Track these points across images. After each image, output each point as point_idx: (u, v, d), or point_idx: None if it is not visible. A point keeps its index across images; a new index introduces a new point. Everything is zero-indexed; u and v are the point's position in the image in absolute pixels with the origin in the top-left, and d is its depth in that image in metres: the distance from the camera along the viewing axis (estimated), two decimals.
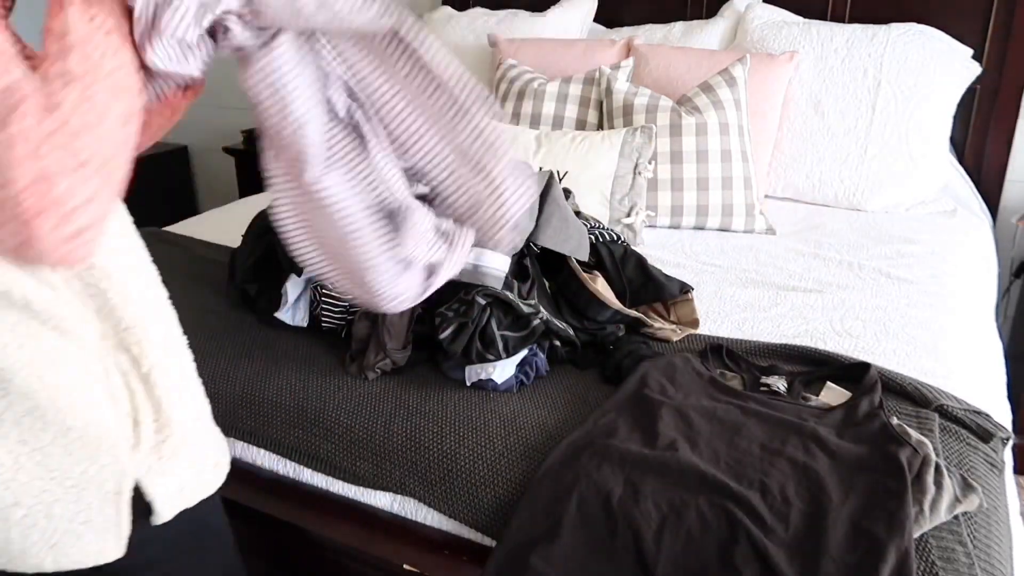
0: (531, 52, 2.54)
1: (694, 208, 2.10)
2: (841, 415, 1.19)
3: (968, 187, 2.39)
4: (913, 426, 1.18)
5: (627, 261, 1.55)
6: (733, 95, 2.14)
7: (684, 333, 1.49)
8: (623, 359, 1.36)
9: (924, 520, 1.01)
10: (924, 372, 1.37)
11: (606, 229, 1.69)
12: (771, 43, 2.35)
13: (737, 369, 1.37)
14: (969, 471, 1.13)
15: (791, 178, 2.31)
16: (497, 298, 1.32)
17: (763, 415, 1.19)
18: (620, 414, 1.21)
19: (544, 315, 1.35)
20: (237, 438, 1.36)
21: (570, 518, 1.04)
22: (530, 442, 1.20)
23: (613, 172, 2.03)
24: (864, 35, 2.25)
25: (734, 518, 1.00)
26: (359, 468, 1.25)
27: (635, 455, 1.10)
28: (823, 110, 2.26)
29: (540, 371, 1.37)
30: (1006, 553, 1.05)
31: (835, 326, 1.55)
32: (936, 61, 2.19)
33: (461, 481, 1.18)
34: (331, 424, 1.29)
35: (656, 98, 2.17)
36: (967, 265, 1.93)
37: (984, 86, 2.37)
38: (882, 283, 1.75)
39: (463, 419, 1.25)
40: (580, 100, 2.31)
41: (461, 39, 2.81)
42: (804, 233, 2.08)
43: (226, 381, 1.39)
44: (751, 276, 1.80)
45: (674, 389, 1.26)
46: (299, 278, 1.49)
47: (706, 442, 1.14)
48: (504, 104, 2.40)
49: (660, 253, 1.93)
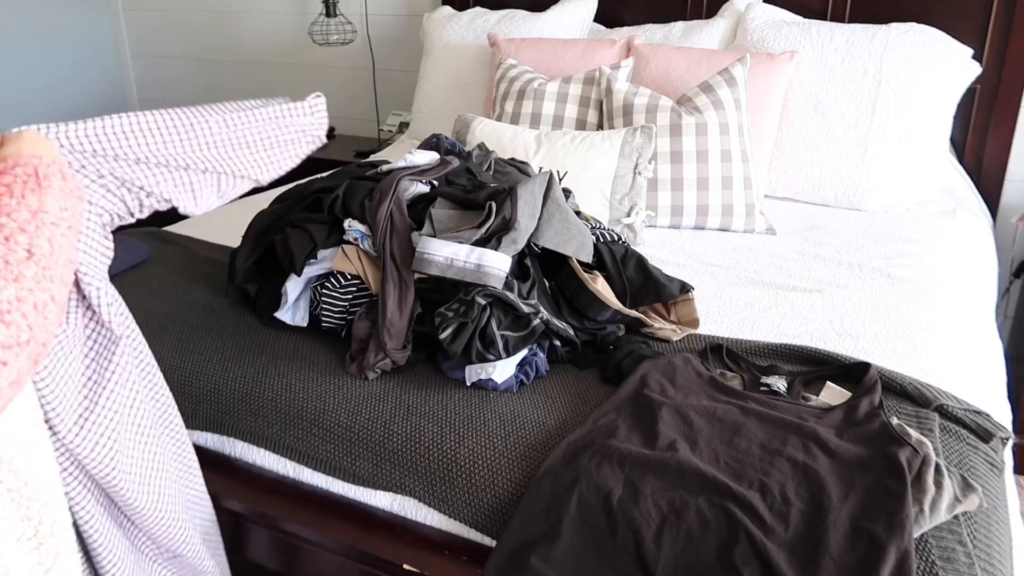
0: (531, 52, 2.54)
1: (694, 208, 2.10)
2: (841, 415, 1.19)
3: (968, 187, 2.39)
4: (913, 426, 1.18)
5: (628, 261, 1.55)
6: (733, 95, 2.14)
7: (684, 333, 1.49)
8: (623, 359, 1.36)
9: (924, 520, 1.01)
10: (924, 372, 1.37)
11: (607, 229, 1.69)
12: (771, 43, 2.35)
13: (737, 369, 1.37)
14: (969, 471, 1.13)
15: (791, 178, 2.31)
16: (497, 298, 1.32)
17: (763, 415, 1.19)
18: (620, 414, 1.21)
19: (544, 315, 1.35)
20: (237, 438, 1.36)
21: (570, 518, 1.04)
22: (530, 442, 1.20)
23: (613, 172, 2.03)
24: (864, 35, 2.25)
25: (734, 518, 1.00)
26: (359, 468, 1.25)
27: (635, 455, 1.10)
28: (823, 110, 2.26)
29: (540, 371, 1.37)
30: (1006, 553, 1.05)
31: (835, 326, 1.55)
32: (936, 61, 2.19)
33: (461, 481, 1.18)
34: (331, 424, 1.29)
35: (656, 98, 2.17)
36: (967, 265, 1.93)
37: (984, 86, 2.37)
38: (882, 283, 1.75)
39: (463, 419, 1.25)
40: (580, 100, 2.31)
41: (461, 39, 2.81)
42: (804, 233, 2.08)
43: (226, 381, 1.39)
44: (751, 276, 1.80)
45: (674, 389, 1.26)
46: (299, 278, 1.49)
47: (706, 442, 1.14)
48: (504, 104, 2.41)
49: (660, 253, 1.93)
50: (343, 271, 1.47)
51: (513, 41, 2.60)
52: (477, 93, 2.74)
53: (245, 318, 1.56)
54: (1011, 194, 2.48)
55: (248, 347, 1.46)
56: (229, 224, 2.04)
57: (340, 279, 1.47)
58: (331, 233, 1.52)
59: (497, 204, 1.40)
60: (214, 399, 1.38)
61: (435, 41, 2.87)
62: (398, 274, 1.39)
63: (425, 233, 1.39)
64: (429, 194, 1.55)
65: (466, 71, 2.78)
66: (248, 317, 1.56)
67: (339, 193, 1.53)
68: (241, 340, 1.48)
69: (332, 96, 3.64)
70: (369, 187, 1.53)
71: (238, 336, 1.50)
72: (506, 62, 2.51)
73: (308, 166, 2.99)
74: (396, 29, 3.38)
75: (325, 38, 3.28)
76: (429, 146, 1.83)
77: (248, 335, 1.50)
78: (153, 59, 3.99)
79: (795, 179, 2.31)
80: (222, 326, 1.53)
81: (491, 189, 1.52)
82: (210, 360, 1.42)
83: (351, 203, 1.51)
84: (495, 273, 1.32)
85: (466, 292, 1.32)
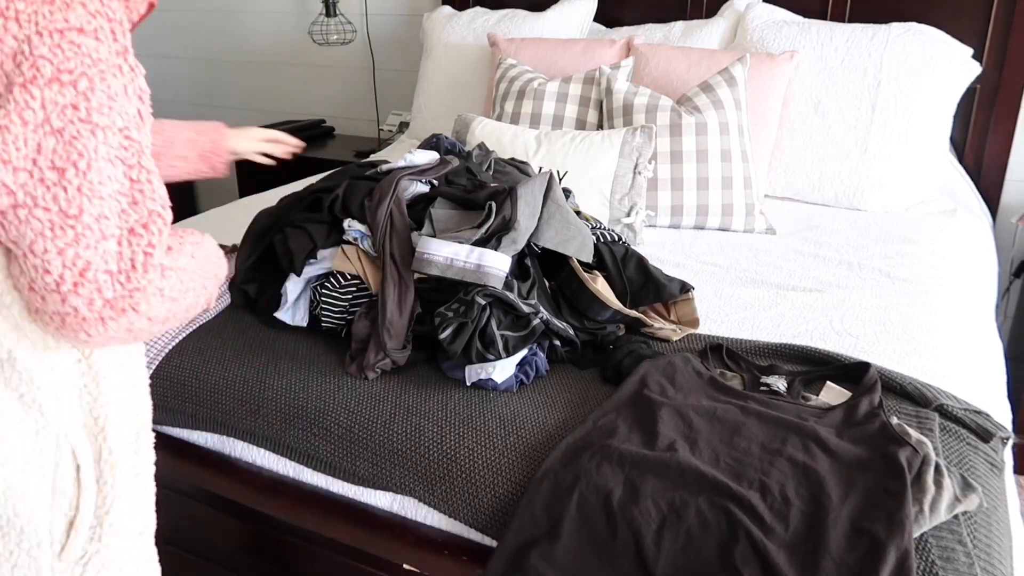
0: (531, 52, 2.54)
1: (694, 208, 2.10)
2: (841, 415, 1.19)
3: (968, 187, 2.39)
4: (913, 426, 1.18)
5: (628, 261, 1.55)
6: (733, 95, 2.14)
7: (684, 333, 1.49)
8: (623, 359, 1.36)
9: (924, 520, 1.01)
10: (924, 372, 1.37)
11: (607, 229, 1.69)
12: (771, 43, 2.35)
13: (737, 369, 1.37)
14: (969, 471, 1.13)
15: (791, 178, 2.31)
16: (497, 298, 1.32)
17: (763, 415, 1.19)
18: (620, 414, 1.21)
19: (544, 315, 1.35)
20: (237, 438, 1.36)
21: (570, 518, 1.04)
22: (530, 442, 1.20)
23: (613, 172, 2.03)
24: (864, 35, 2.25)
25: (734, 518, 1.00)
26: (359, 468, 1.25)
27: (635, 455, 1.10)
28: (823, 110, 2.26)
29: (540, 371, 1.37)
30: (1006, 553, 1.05)
31: (835, 326, 1.55)
32: (936, 61, 2.19)
33: (461, 481, 1.18)
34: (331, 424, 1.29)
35: (656, 98, 2.16)
36: (967, 265, 1.93)
37: (984, 86, 2.37)
38: (882, 283, 1.75)
39: (463, 419, 1.25)
40: (580, 100, 2.31)
41: (461, 39, 2.81)
42: (804, 233, 2.08)
43: (226, 381, 1.39)
44: (751, 276, 1.80)
45: (674, 389, 1.26)
46: (299, 278, 1.49)
47: (706, 442, 1.14)
48: (504, 104, 2.40)
49: (660, 253, 1.93)
50: (343, 271, 1.47)
51: (513, 41, 2.60)
52: (477, 93, 2.74)
53: (245, 318, 1.56)
54: (1011, 194, 2.48)
55: (248, 347, 1.46)
56: (229, 224, 2.04)
57: (340, 279, 1.47)
58: (331, 233, 1.52)
59: (497, 204, 1.40)
60: (214, 399, 1.38)
61: (435, 41, 2.87)
62: (398, 274, 1.39)
63: (425, 233, 1.39)
64: (429, 194, 1.55)
65: (466, 71, 2.78)
66: (248, 317, 1.56)
67: (339, 193, 1.53)
68: (241, 340, 1.48)
69: (332, 96, 3.64)
70: (369, 187, 1.53)
71: (238, 336, 1.50)
72: (506, 62, 2.51)
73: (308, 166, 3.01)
74: (396, 29, 3.38)
75: (325, 38, 3.28)
76: (429, 146, 1.82)
77: (248, 335, 1.50)
78: (153, 59, 3.98)
79: (795, 179, 2.31)
80: (222, 326, 1.53)
81: (491, 189, 1.52)
82: (210, 360, 1.42)
83: (351, 203, 1.51)
84: (495, 273, 1.32)
85: (466, 292, 1.32)
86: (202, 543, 1.47)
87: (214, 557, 1.46)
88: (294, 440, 1.30)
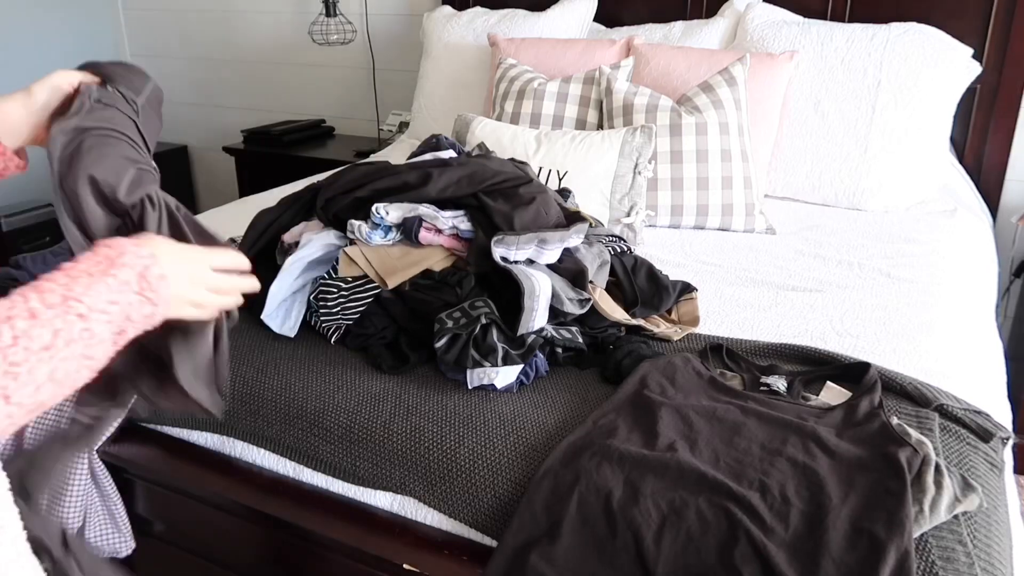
0: (531, 52, 2.54)
1: (694, 208, 2.10)
2: (841, 415, 1.19)
3: (968, 187, 2.39)
4: (913, 426, 1.18)
5: (638, 271, 1.57)
6: (733, 95, 2.14)
7: (684, 333, 1.49)
8: (623, 359, 1.36)
9: (924, 520, 1.01)
10: (924, 372, 1.37)
11: (615, 239, 1.69)
12: (771, 43, 2.35)
13: (737, 369, 1.37)
14: (969, 471, 1.13)
15: (791, 178, 2.31)
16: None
17: (763, 415, 1.19)
18: (620, 414, 1.21)
19: (548, 331, 1.35)
20: (237, 438, 1.36)
21: (570, 518, 1.04)
22: (530, 442, 1.20)
23: (613, 172, 2.03)
24: (864, 35, 2.25)
25: (734, 518, 1.00)
26: (359, 468, 1.25)
27: (635, 455, 1.10)
28: (823, 110, 2.26)
29: (540, 371, 1.36)
30: (1006, 553, 1.05)
31: (835, 326, 1.55)
32: (936, 61, 2.19)
33: (461, 481, 1.18)
34: (331, 424, 1.29)
35: (656, 98, 2.16)
36: (967, 265, 1.93)
37: (984, 86, 2.37)
38: (882, 283, 1.75)
39: (463, 419, 1.25)
40: (580, 100, 2.31)
41: (461, 39, 2.81)
42: (804, 233, 2.08)
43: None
44: (751, 276, 1.80)
45: (674, 389, 1.26)
46: (287, 276, 1.47)
47: (706, 442, 1.14)
48: (504, 104, 2.40)
49: (660, 253, 1.93)
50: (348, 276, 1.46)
51: (513, 41, 2.60)
52: (477, 93, 2.74)
53: (245, 318, 1.56)
54: (1011, 194, 2.48)
55: (248, 347, 1.46)
56: (230, 224, 2.04)
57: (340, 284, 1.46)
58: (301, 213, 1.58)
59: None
60: None
61: (435, 41, 2.86)
62: None
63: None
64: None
65: (466, 71, 2.78)
66: (248, 317, 1.56)
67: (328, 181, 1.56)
68: (241, 340, 1.48)
69: (332, 96, 3.64)
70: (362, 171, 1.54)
71: (238, 336, 1.50)
72: (506, 62, 2.51)
73: (308, 166, 3.00)
74: (396, 29, 3.38)
75: (325, 38, 3.28)
76: (429, 146, 1.82)
77: (248, 335, 1.50)
78: (153, 59, 3.98)
79: (795, 179, 2.31)
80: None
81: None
82: None
83: (337, 183, 1.54)
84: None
85: (472, 305, 1.32)
86: (202, 543, 1.47)
87: (214, 557, 1.46)
88: (294, 440, 1.30)
